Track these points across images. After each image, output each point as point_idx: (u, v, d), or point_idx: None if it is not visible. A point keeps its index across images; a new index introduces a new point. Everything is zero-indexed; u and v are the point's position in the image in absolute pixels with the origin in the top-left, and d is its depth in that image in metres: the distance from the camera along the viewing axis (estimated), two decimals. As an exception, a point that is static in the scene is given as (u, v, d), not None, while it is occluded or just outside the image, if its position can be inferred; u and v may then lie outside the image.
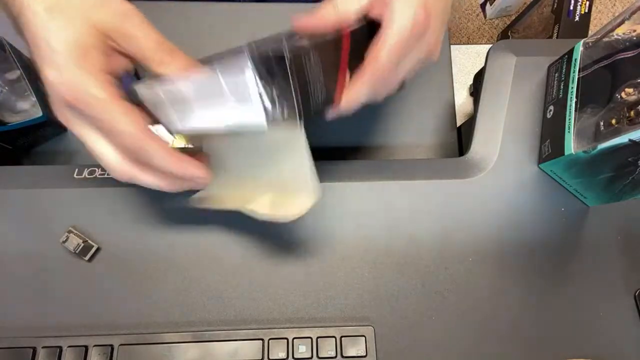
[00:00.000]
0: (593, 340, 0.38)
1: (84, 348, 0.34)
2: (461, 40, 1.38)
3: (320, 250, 0.39)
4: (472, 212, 0.41)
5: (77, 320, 0.36)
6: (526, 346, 0.37)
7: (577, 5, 0.96)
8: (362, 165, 0.42)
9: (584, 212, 0.41)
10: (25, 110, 0.44)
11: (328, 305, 0.37)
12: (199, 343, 0.35)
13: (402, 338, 0.37)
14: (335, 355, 0.35)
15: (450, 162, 0.43)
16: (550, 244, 0.40)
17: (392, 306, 0.38)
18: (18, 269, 0.37)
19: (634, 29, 0.35)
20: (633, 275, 0.39)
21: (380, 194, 0.41)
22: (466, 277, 0.39)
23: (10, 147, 0.44)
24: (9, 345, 0.34)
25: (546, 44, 0.48)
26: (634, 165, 0.33)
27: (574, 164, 0.38)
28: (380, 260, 0.39)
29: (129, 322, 0.36)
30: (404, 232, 0.40)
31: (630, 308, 0.39)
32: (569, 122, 0.38)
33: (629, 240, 0.40)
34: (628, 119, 0.32)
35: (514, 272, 0.39)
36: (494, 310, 0.38)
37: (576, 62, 0.39)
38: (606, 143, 0.33)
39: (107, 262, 0.37)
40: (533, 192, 0.41)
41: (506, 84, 0.44)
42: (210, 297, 0.37)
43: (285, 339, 0.35)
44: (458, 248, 0.39)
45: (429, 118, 0.50)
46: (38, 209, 0.38)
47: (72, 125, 0.27)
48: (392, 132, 0.50)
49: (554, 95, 0.42)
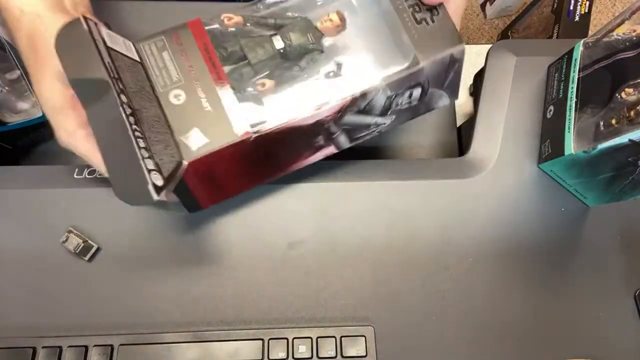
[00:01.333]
0: (593, 340, 0.38)
1: (84, 348, 0.34)
2: (461, 40, 1.38)
3: (320, 250, 0.39)
4: (472, 212, 0.41)
5: (77, 320, 0.36)
6: (526, 346, 0.37)
7: (577, 5, 0.96)
8: (362, 165, 0.42)
9: (584, 212, 0.41)
10: (25, 110, 0.44)
11: (328, 305, 0.37)
12: (199, 343, 0.35)
13: (402, 338, 0.37)
14: (335, 355, 0.35)
15: (450, 162, 0.43)
16: (550, 244, 0.40)
17: (392, 306, 0.38)
18: (18, 269, 0.37)
19: (634, 29, 0.35)
20: (633, 275, 0.39)
21: (380, 194, 0.41)
22: (466, 277, 0.39)
23: (10, 147, 0.44)
24: (9, 345, 0.34)
25: (546, 44, 0.48)
26: (634, 165, 0.33)
27: (574, 164, 0.38)
28: (380, 260, 0.39)
29: (129, 322, 0.36)
30: (404, 232, 0.40)
31: (630, 308, 0.39)
32: (569, 122, 0.38)
33: (629, 240, 0.40)
34: (628, 119, 0.32)
35: (514, 272, 0.39)
36: (494, 310, 0.38)
37: (576, 62, 0.39)
38: (606, 143, 0.33)
39: (107, 262, 0.37)
40: (533, 192, 0.41)
41: (506, 84, 0.44)
42: (210, 297, 0.37)
43: (285, 339, 0.35)
44: (458, 248, 0.39)
45: (429, 118, 0.50)
46: (38, 209, 0.38)
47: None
48: (392, 132, 0.50)
49: (554, 95, 0.42)
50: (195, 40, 0.30)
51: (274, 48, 0.31)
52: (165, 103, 0.29)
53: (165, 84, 0.29)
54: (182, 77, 0.30)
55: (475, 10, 1.38)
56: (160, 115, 0.29)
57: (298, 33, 0.31)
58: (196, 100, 0.29)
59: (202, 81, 0.30)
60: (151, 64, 0.30)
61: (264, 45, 0.31)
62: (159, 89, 0.29)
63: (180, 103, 0.29)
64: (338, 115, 0.31)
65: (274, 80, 0.30)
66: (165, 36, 0.30)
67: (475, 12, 1.38)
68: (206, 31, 0.31)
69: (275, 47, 0.31)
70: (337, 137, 0.35)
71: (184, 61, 0.30)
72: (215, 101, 0.29)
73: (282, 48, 0.31)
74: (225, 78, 0.30)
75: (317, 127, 0.32)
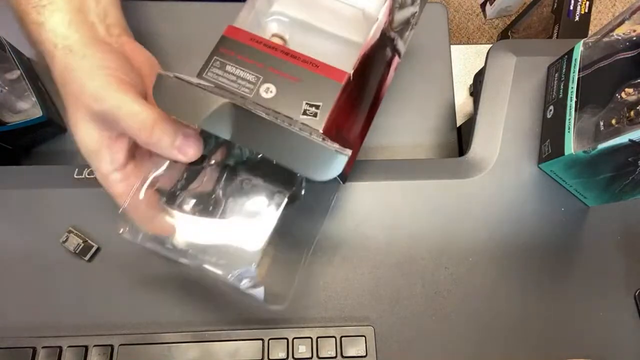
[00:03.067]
0: (593, 340, 0.38)
1: (84, 348, 0.34)
2: (461, 40, 1.38)
3: (320, 250, 0.39)
4: (472, 212, 0.41)
5: (77, 320, 0.36)
6: (526, 346, 0.37)
7: (577, 5, 0.96)
8: (362, 165, 0.42)
9: (584, 212, 0.41)
10: (25, 110, 0.44)
11: (328, 305, 0.37)
12: (199, 343, 0.35)
13: (402, 338, 0.37)
14: (335, 355, 0.35)
15: (450, 162, 0.43)
16: (550, 244, 0.40)
17: (392, 306, 0.38)
18: (18, 269, 0.37)
19: (634, 29, 0.35)
20: (633, 275, 0.39)
21: (380, 194, 0.41)
22: (466, 277, 0.39)
23: (10, 147, 0.44)
24: (9, 345, 0.34)
25: (546, 44, 0.48)
26: (634, 165, 0.33)
27: (574, 164, 0.38)
28: (380, 260, 0.39)
29: (129, 322, 0.36)
30: (404, 232, 0.40)
31: (630, 308, 0.39)
32: (569, 122, 0.38)
33: (629, 240, 0.40)
34: (628, 119, 0.32)
35: (514, 272, 0.39)
36: (494, 310, 0.38)
37: (576, 62, 0.39)
38: (606, 143, 0.33)
39: (107, 262, 0.37)
40: (533, 192, 0.41)
41: (506, 84, 0.44)
42: (210, 297, 0.37)
43: (285, 339, 0.35)
44: (458, 248, 0.39)
45: (429, 118, 0.50)
46: (38, 209, 0.38)
47: None
48: (392, 132, 0.50)
49: (554, 95, 0.42)
50: (240, 40, 0.30)
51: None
52: (263, 102, 0.29)
53: (250, 89, 0.29)
54: (256, 73, 0.30)
55: (475, 10, 1.38)
56: (272, 111, 0.29)
57: None
58: (282, 81, 0.29)
59: (273, 65, 0.30)
60: (225, 83, 0.30)
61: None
62: (248, 95, 0.29)
63: (274, 94, 0.29)
64: (390, 17, 0.33)
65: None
66: (217, 55, 0.30)
67: (475, 12, 1.38)
68: (243, 30, 0.31)
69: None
70: (397, 43, 0.36)
71: (247, 61, 0.30)
72: (298, 71, 0.30)
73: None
74: (289, 50, 0.30)
75: (382, 40, 0.33)
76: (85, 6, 0.31)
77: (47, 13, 0.30)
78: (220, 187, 0.32)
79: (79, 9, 0.31)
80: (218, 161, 0.32)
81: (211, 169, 0.32)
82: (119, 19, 0.34)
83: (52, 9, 0.30)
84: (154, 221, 0.31)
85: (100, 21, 0.32)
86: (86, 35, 0.30)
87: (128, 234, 0.31)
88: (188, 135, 0.28)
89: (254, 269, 0.30)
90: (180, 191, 0.32)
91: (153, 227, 0.31)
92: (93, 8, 0.32)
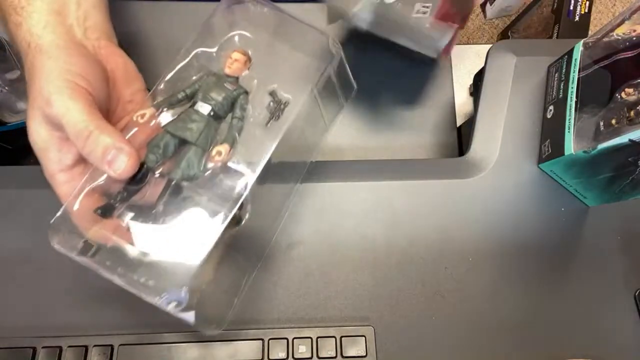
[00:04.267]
0: (593, 340, 0.38)
1: (84, 348, 0.34)
2: (461, 40, 1.38)
3: (320, 250, 0.39)
4: (472, 212, 0.41)
5: (77, 320, 0.36)
6: (526, 346, 0.37)
7: (577, 5, 0.96)
8: (362, 165, 0.42)
9: (584, 212, 0.41)
10: (25, 110, 0.44)
11: (328, 305, 0.37)
12: (199, 343, 0.35)
13: (402, 338, 0.37)
14: (335, 355, 0.35)
15: (450, 162, 0.43)
16: (550, 244, 0.40)
17: (392, 306, 0.38)
18: (18, 269, 0.37)
19: (634, 29, 0.35)
20: (633, 275, 0.39)
21: (380, 194, 0.41)
22: (466, 277, 0.39)
23: (10, 147, 0.44)
24: (9, 345, 0.34)
25: (546, 44, 0.48)
26: (634, 165, 0.33)
27: (574, 164, 0.38)
28: (380, 260, 0.39)
29: (129, 322, 0.36)
30: (404, 232, 0.40)
31: (630, 308, 0.39)
32: (569, 122, 0.38)
33: (629, 240, 0.40)
34: (628, 119, 0.32)
35: (514, 272, 0.39)
36: (494, 310, 0.38)
37: (576, 62, 0.39)
38: (606, 143, 0.33)
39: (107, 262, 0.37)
40: (533, 192, 0.41)
41: (506, 84, 0.44)
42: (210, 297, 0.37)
43: (285, 339, 0.35)
44: (458, 248, 0.39)
45: (429, 118, 0.50)
46: (38, 209, 0.38)
47: None
48: (392, 132, 0.50)
49: (554, 95, 0.42)
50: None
51: (202, 116, 0.30)
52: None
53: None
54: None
55: (475, 10, 1.38)
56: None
57: (215, 89, 0.30)
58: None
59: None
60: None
61: (193, 119, 0.29)
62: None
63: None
64: None
65: (226, 144, 0.30)
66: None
67: (475, 12, 1.38)
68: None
69: (204, 114, 0.30)
70: None
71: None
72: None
73: (210, 110, 0.30)
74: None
75: None
76: (65, 9, 0.32)
77: (25, 14, 0.30)
78: (163, 202, 0.30)
79: (58, 11, 0.31)
80: (164, 175, 0.30)
81: (156, 182, 0.30)
82: (99, 23, 0.34)
83: (30, 10, 0.30)
84: (94, 227, 0.30)
85: (79, 24, 0.32)
86: (61, 38, 0.30)
87: (59, 244, 0.30)
88: (122, 151, 0.27)
89: (184, 292, 0.28)
90: (119, 203, 0.30)
91: (94, 233, 0.30)
92: (73, 11, 0.32)
